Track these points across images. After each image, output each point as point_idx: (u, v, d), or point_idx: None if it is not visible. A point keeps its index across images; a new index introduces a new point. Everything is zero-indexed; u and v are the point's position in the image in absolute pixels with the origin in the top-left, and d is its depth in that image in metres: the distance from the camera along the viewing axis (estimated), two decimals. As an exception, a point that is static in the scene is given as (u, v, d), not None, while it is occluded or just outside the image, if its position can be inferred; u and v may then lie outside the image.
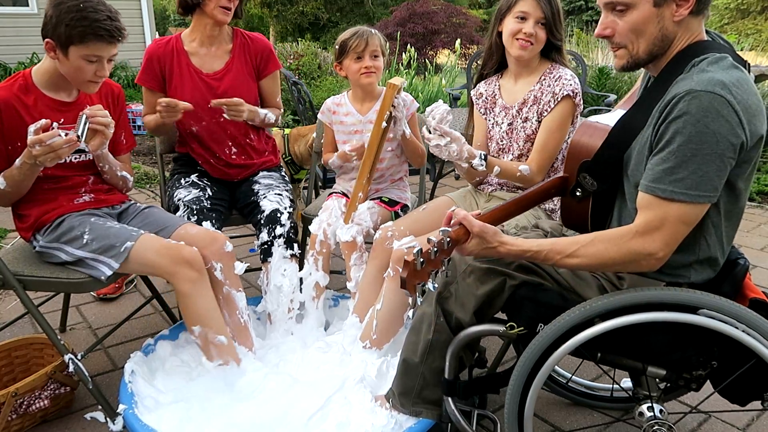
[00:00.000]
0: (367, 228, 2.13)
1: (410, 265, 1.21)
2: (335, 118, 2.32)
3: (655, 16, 1.25)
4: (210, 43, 2.26)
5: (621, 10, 1.26)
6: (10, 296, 2.70)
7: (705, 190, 1.19)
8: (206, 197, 2.23)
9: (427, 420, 1.67)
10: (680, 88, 1.19)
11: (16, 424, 1.77)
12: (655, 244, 1.23)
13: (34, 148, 1.63)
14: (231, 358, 1.89)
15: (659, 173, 1.21)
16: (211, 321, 1.85)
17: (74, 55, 1.72)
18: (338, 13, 16.15)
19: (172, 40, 2.26)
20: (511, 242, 1.33)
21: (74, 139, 1.67)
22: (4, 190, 1.76)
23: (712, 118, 1.14)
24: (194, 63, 2.25)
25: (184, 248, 1.84)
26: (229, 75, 2.27)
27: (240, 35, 2.31)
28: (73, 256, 1.82)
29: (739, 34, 17.01)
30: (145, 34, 10.15)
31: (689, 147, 1.16)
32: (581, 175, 1.41)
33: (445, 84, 5.70)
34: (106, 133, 1.80)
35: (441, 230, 1.28)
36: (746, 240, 3.48)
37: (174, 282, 1.82)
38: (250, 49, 2.31)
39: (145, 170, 5.01)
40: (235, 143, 2.32)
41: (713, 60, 1.22)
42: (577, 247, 1.29)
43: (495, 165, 1.89)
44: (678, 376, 1.37)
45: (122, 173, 2.03)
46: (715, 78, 1.16)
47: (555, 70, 1.96)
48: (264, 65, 2.34)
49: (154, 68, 2.24)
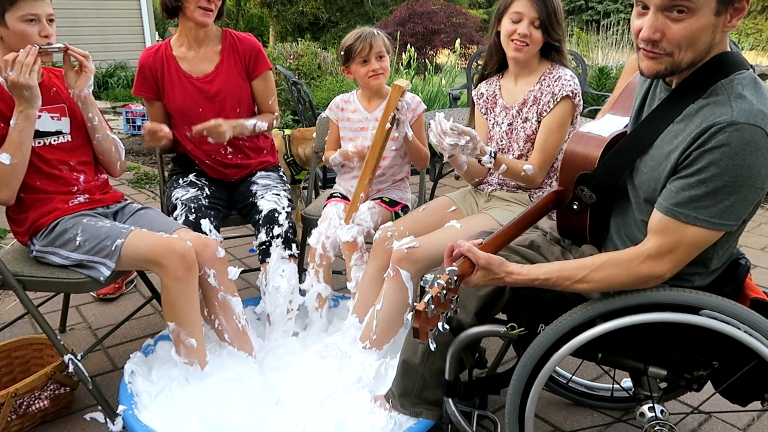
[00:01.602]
0: (367, 228, 2.13)
1: (422, 314, 1.18)
2: (343, 115, 2.33)
3: (711, 25, 1.13)
4: (198, 46, 2.25)
5: (680, 11, 1.11)
6: (10, 296, 2.70)
7: (729, 219, 1.17)
8: (204, 196, 2.23)
9: (427, 420, 1.67)
10: (718, 116, 1.13)
11: (15, 425, 1.77)
12: (664, 267, 1.22)
13: (8, 76, 1.66)
14: (197, 361, 1.87)
15: (685, 198, 1.17)
16: (186, 322, 1.84)
17: (12, 21, 1.73)
18: (338, 13, 16.13)
19: (161, 48, 2.26)
20: (518, 271, 1.31)
21: (35, 48, 1.69)
22: (12, 163, 1.74)
23: (750, 152, 1.10)
24: (183, 68, 2.24)
25: (177, 241, 1.82)
26: (220, 77, 2.25)
27: (229, 35, 2.29)
28: (68, 259, 1.82)
29: (739, 34, 17.00)
30: (145, 34, 10.15)
31: (722, 179, 1.13)
32: (579, 188, 1.39)
33: (445, 84, 5.69)
34: (88, 68, 1.83)
35: (447, 270, 1.25)
36: (746, 240, 3.48)
37: (162, 274, 1.80)
38: (238, 49, 2.28)
39: (145, 170, 5.01)
40: (230, 144, 2.31)
41: (747, 82, 1.16)
42: (586, 273, 1.27)
43: (502, 163, 1.89)
44: (679, 376, 1.36)
45: (112, 135, 2.02)
46: (756, 108, 1.11)
47: (555, 71, 1.95)
48: (254, 65, 2.30)
49: (147, 78, 2.24)
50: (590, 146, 1.39)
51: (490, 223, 1.92)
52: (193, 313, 1.86)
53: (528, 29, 1.89)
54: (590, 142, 1.40)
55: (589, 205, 1.40)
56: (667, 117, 1.24)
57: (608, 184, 1.36)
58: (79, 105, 1.90)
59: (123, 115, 6.65)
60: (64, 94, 1.92)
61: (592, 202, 1.39)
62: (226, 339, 1.99)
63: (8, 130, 1.74)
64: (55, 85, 1.92)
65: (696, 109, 1.19)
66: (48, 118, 1.86)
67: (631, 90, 1.48)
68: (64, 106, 1.91)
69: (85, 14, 9.36)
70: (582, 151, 1.41)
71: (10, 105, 1.75)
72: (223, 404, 1.77)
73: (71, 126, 1.93)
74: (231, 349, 1.98)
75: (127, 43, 9.97)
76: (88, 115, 1.92)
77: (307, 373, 1.93)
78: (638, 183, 1.30)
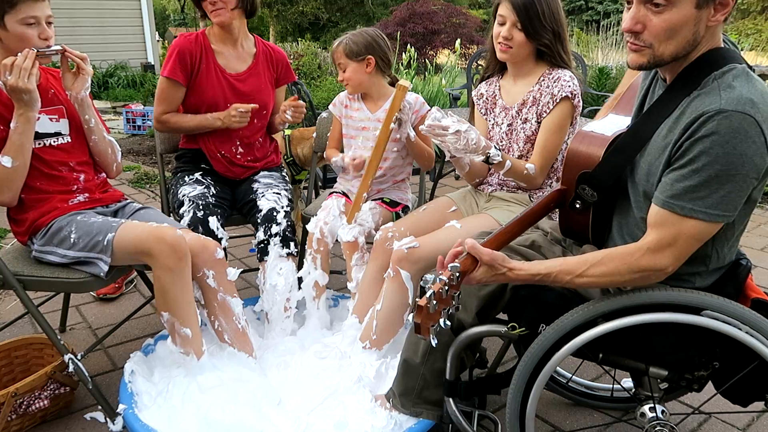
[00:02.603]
0: (368, 228, 2.13)
1: (424, 309, 1.18)
2: (346, 112, 2.33)
3: (693, 18, 1.16)
4: (232, 45, 2.31)
5: (658, 5, 1.15)
6: (10, 296, 2.69)
7: (725, 209, 1.17)
8: (210, 194, 2.24)
9: (428, 420, 1.67)
10: (707, 105, 1.14)
11: (15, 425, 1.77)
12: (665, 260, 1.22)
13: (7, 80, 1.66)
14: (193, 351, 1.87)
15: (679, 190, 1.17)
16: (179, 312, 1.84)
17: (11, 24, 1.73)
18: (338, 13, 16.14)
19: (199, 37, 2.29)
20: (519, 267, 1.31)
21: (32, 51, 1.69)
22: (14, 166, 1.75)
23: (740, 139, 1.11)
24: (219, 62, 2.29)
25: (167, 230, 1.81)
26: (252, 78, 2.33)
27: (261, 43, 2.40)
28: (65, 257, 1.82)
29: (739, 34, 17.01)
30: (145, 34, 10.15)
31: (714, 168, 1.13)
32: (581, 187, 1.39)
33: (445, 84, 5.69)
34: (86, 70, 1.83)
35: (449, 266, 1.25)
36: (747, 240, 3.48)
37: (153, 265, 1.79)
38: (272, 58, 2.40)
39: (145, 170, 5.01)
40: (243, 143, 2.36)
41: (738, 73, 1.17)
42: (586, 267, 1.27)
43: (507, 160, 1.88)
44: (680, 376, 1.36)
45: (109, 137, 2.02)
46: (744, 96, 1.12)
47: (554, 72, 1.95)
48: (283, 75, 2.45)
49: (186, 62, 2.23)
50: (593, 145, 1.40)
51: (490, 223, 1.92)
52: (187, 304, 1.86)
53: (510, 32, 1.89)
54: (594, 141, 1.40)
55: (592, 204, 1.40)
56: (663, 112, 1.25)
57: (610, 182, 1.36)
58: (76, 107, 1.90)
59: (123, 115, 6.65)
60: (62, 96, 1.92)
61: (594, 201, 1.39)
62: (226, 340, 1.99)
63: (8, 133, 1.75)
64: (53, 87, 1.92)
65: (689, 101, 1.20)
66: (47, 120, 1.86)
67: (635, 90, 1.48)
68: (62, 107, 1.91)
69: (85, 14, 9.36)
70: (585, 150, 1.41)
71: (9, 108, 1.75)
72: (224, 404, 1.77)
73: (70, 127, 1.93)
74: (231, 350, 1.98)
75: (127, 43, 9.97)
76: (84, 117, 1.92)
77: (307, 373, 1.93)
78: (638, 179, 1.31)
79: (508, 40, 1.90)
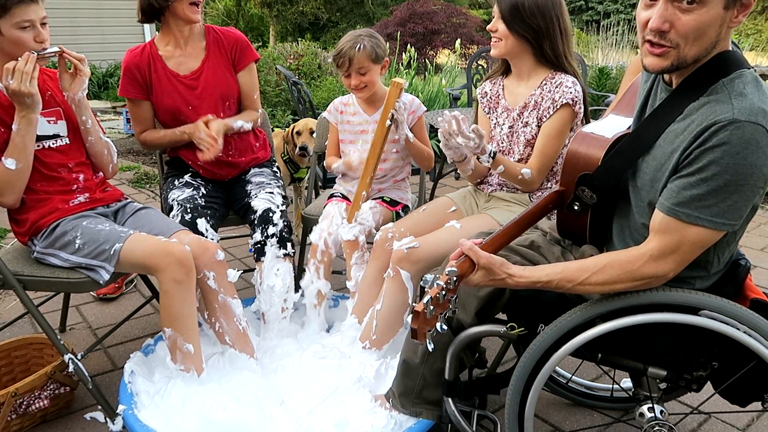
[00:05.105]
0: (369, 227, 2.13)
1: (421, 315, 1.18)
2: (342, 118, 2.32)
3: (719, 19, 1.12)
4: (184, 44, 2.25)
5: (690, 2, 1.10)
6: (10, 296, 2.70)
7: (730, 218, 1.16)
8: (200, 195, 2.23)
9: (427, 420, 1.67)
10: (719, 114, 1.12)
11: (15, 424, 1.77)
12: (667, 267, 1.21)
13: (9, 85, 1.67)
14: (194, 368, 1.86)
15: (686, 198, 1.16)
16: (183, 327, 1.83)
17: (6, 28, 1.73)
18: (338, 13, 16.13)
19: (146, 47, 2.25)
20: (519, 273, 1.30)
21: (33, 55, 1.70)
22: (17, 168, 1.75)
23: (752, 150, 1.10)
24: (170, 67, 2.23)
25: (175, 245, 1.82)
26: (206, 72, 2.25)
27: (212, 31, 2.29)
28: (67, 261, 1.82)
29: (739, 34, 16.99)
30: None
31: (723, 178, 1.12)
32: (580, 189, 1.39)
33: (445, 84, 5.68)
34: (83, 71, 1.84)
35: (447, 270, 1.25)
36: (746, 240, 3.48)
37: (160, 279, 1.80)
38: (223, 43, 2.28)
39: (145, 170, 5.01)
40: None
41: (748, 80, 1.16)
42: (588, 275, 1.26)
43: (500, 164, 1.88)
44: (679, 376, 1.37)
45: (105, 138, 2.02)
46: (757, 105, 1.11)
47: (557, 76, 1.92)
48: (240, 56, 2.29)
49: (135, 77, 2.23)
50: (593, 147, 1.38)
51: (490, 223, 1.92)
52: (191, 319, 1.86)
53: (496, 24, 1.90)
54: (593, 143, 1.39)
55: (590, 206, 1.40)
56: (668, 116, 1.23)
57: (609, 184, 1.35)
58: (73, 108, 1.90)
59: (123, 115, 6.65)
60: (59, 97, 1.92)
61: (593, 203, 1.38)
62: (227, 341, 1.99)
63: (9, 136, 1.75)
64: (50, 89, 1.92)
65: (697, 107, 1.18)
66: (44, 122, 1.86)
67: (635, 90, 1.47)
68: (59, 109, 1.91)
69: (84, 14, 9.35)
70: (585, 151, 1.39)
71: (10, 111, 1.75)
72: (225, 404, 1.77)
73: (68, 128, 1.93)
74: (232, 352, 1.98)
75: (127, 43, 9.86)
76: (81, 118, 1.92)
77: (306, 373, 1.93)
78: (641, 184, 1.29)
79: (494, 32, 1.91)
